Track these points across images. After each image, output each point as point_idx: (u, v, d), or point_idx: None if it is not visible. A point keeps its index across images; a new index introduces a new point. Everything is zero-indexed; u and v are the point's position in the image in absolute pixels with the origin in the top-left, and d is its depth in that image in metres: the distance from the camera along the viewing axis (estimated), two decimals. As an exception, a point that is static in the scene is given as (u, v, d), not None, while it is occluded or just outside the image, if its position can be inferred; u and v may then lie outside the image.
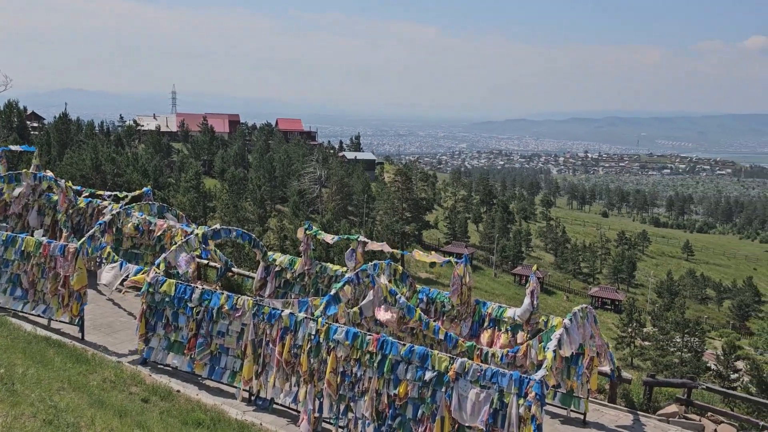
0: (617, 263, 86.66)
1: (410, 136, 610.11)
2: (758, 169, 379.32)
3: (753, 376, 30.78)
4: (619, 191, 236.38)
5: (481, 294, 57.94)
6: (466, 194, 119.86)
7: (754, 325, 73.12)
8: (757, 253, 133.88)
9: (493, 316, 13.65)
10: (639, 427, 12.52)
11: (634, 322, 49.77)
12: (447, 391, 9.58)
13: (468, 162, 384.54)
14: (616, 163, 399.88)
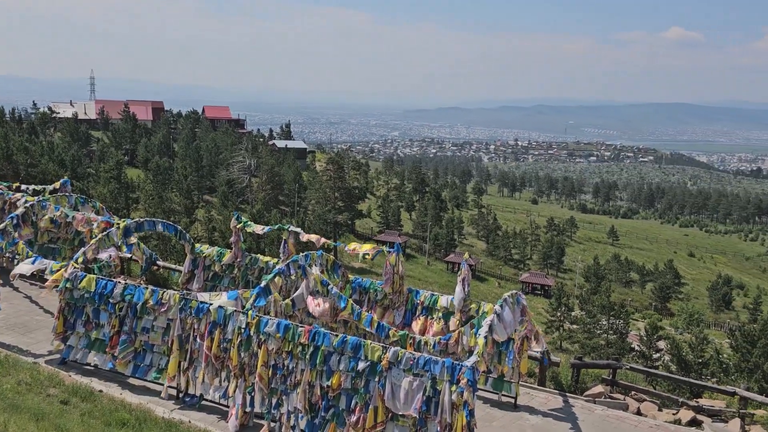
0: (546, 249, 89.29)
1: (342, 124, 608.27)
2: (678, 157, 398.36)
3: (673, 355, 32.49)
4: (548, 178, 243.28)
5: (414, 282, 58.60)
6: (399, 183, 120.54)
7: (674, 306, 77.18)
8: (677, 237, 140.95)
9: (425, 304, 13.83)
10: (567, 408, 12.99)
11: (563, 307, 51.47)
12: (380, 381, 9.66)
13: (400, 150, 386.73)
14: (545, 150, 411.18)
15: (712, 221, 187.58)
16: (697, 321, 61.83)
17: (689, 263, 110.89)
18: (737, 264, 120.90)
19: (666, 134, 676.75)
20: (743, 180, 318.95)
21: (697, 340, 34.23)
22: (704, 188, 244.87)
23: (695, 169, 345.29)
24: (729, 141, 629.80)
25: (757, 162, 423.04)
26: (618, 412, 13.23)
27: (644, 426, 12.49)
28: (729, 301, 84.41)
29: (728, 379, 28.68)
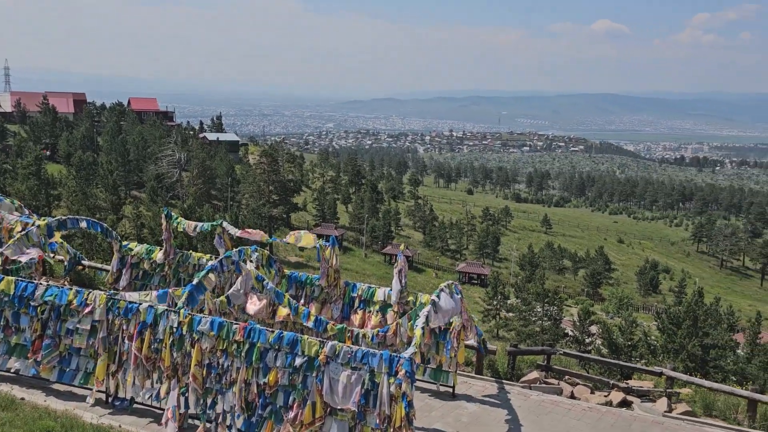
0: (482, 239, 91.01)
1: (275, 116, 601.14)
2: (606, 146, 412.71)
3: (604, 339, 33.75)
4: (482, 169, 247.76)
5: (352, 275, 58.68)
6: (335, 175, 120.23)
7: (605, 292, 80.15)
8: (607, 224, 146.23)
9: (363, 297, 13.85)
10: (504, 395, 13.30)
11: (499, 295, 52.67)
12: (318, 376, 9.63)
13: (336, 142, 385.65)
14: (480, 141, 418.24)
15: (639, 208, 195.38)
16: (626, 305, 64.41)
17: (619, 249, 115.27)
18: (663, 249, 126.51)
19: (595, 124, 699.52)
20: (668, 168, 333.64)
21: (627, 323, 35.67)
22: (632, 176, 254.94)
23: (623, 158, 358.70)
24: (654, 130, 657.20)
25: (680, 150, 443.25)
26: (552, 397, 13.65)
27: (577, 409, 12.92)
28: (656, 284, 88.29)
29: (656, 360, 30.03)
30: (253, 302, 11.90)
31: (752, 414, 12.85)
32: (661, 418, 12.99)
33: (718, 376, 28.99)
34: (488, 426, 11.61)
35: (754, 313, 65.34)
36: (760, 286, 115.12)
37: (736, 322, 52.33)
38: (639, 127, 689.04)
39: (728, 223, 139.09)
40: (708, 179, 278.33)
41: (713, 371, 30.02)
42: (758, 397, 12.87)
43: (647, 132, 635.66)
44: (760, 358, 33.43)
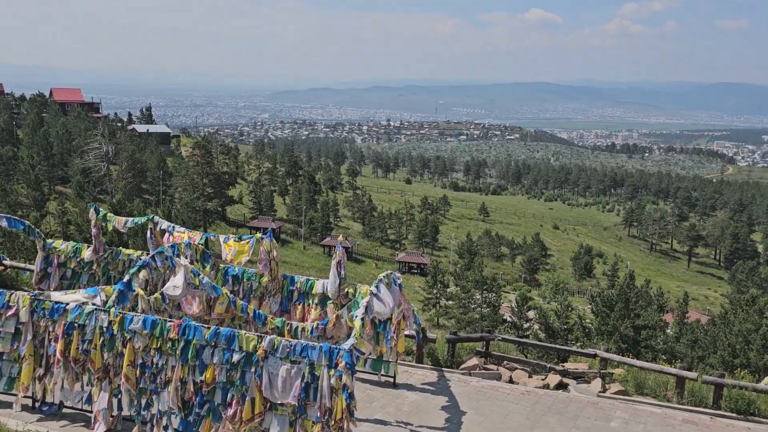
0: (421, 228, 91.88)
1: (208, 107, 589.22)
2: (541, 134, 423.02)
3: (541, 323, 34.70)
4: (420, 158, 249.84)
5: (291, 268, 58.30)
6: (271, 166, 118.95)
7: (542, 277, 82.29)
8: (543, 211, 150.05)
9: (301, 290, 13.79)
10: (444, 382, 13.52)
11: (439, 284, 53.34)
12: (257, 371, 9.54)
13: (271, 133, 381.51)
14: (417, 130, 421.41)
15: (573, 195, 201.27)
16: (562, 290, 66.34)
17: (554, 235, 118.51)
18: (596, 234, 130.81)
19: (530, 112, 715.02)
20: (600, 155, 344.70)
21: (563, 308, 36.77)
22: (566, 164, 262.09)
23: (557, 146, 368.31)
24: (586, 118, 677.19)
25: (611, 138, 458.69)
26: (492, 382, 13.96)
27: (516, 393, 13.27)
28: (590, 269, 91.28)
29: (590, 343, 31.10)
30: (189, 302, 11.67)
31: (680, 390, 13.48)
32: (595, 398, 13.47)
33: (648, 355, 30.25)
34: (429, 414, 11.79)
35: (681, 293, 68.46)
36: (687, 268, 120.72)
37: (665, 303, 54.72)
38: (572, 115, 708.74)
39: (657, 208, 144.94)
40: (637, 165, 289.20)
41: (644, 351, 31.31)
42: (686, 374, 13.50)
43: (580, 120, 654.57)
44: (688, 337, 35.09)
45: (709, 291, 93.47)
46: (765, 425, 12.31)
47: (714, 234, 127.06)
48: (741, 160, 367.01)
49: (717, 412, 12.74)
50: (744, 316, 34.27)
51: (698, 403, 13.18)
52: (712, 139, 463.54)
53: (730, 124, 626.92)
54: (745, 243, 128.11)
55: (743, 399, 12.74)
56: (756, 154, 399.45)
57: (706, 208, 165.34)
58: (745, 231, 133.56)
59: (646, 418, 12.25)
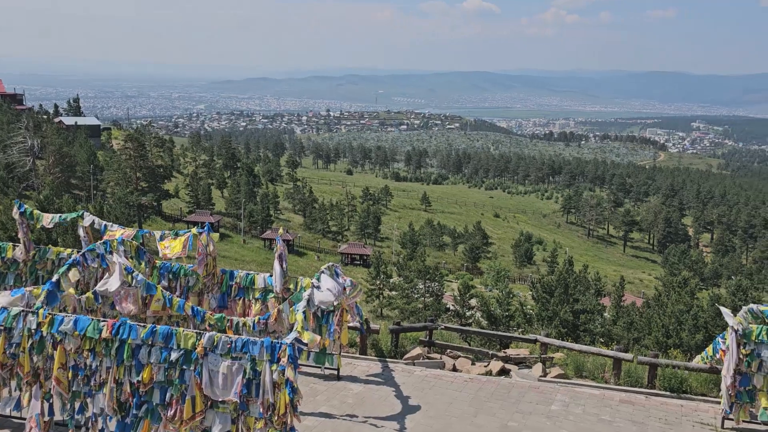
0: (363, 219, 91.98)
1: (140, 98, 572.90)
2: (481, 123, 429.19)
3: (483, 311, 35.33)
4: (361, 148, 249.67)
5: (231, 262, 57.49)
6: (208, 159, 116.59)
7: (483, 265, 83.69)
8: (483, 199, 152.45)
9: (241, 285, 13.63)
10: (388, 373, 13.63)
11: (382, 275, 53.55)
12: (196, 369, 9.39)
13: (208, 124, 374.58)
14: (357, 120, 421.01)
15: (513, 183, 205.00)
16: (503, 277, 67.59)
17: (495, 223, 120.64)
18: (536, 221, 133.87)
19: (469, 101, 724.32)
20: (538, 143, 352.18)
21: (504, 295, 37.52)
22: (505, 152, 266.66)
23: (497, 135, 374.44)
24: (524, 107, 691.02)
25: (548, 126, 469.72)
26: (435, 371, 14.15)
27: (459, 381, 13.49)
28: (530, 256, 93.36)
29: (531, 329, 31.87)
30: (124, 301, 11.37)
31: (617, 372, 13.99)
32: (536, 382, 13.84)
33: (587, 339, 31.21)
34: (373, 405, 11.86)
35: (618, 277, 70.84)
36: (623, 253, 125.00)
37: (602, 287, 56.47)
38: (510, 104, 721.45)
39: (593, 195, 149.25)
40: (574, 153, 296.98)
41: (583, 335, 32.28)
42: (622, 356, 14.01)
43: (518, 109, 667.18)
44: (624, 320, 36.38)
45: (643, 274, 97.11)
46: (696, 402, 12.90)
47: (647, 219, 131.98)
48: (672, 147, 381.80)
49: (652, 391, 13.28)
50: (676, 298, 35.78)
51: (634, 384, 13.70)
52: (644, 127, 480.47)
53: (661, 112, 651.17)
54: (676, 227, 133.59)
55: (676, 377, 13.32)
56: (686, 141, 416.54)
57: (640, 194, 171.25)
58: (676, 216, 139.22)
59: (585, 400, 12.65)
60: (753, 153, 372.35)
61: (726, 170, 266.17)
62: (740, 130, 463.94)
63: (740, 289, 43.11)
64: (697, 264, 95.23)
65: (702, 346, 25.22)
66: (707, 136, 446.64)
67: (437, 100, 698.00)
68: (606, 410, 12.19)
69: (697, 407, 12.60)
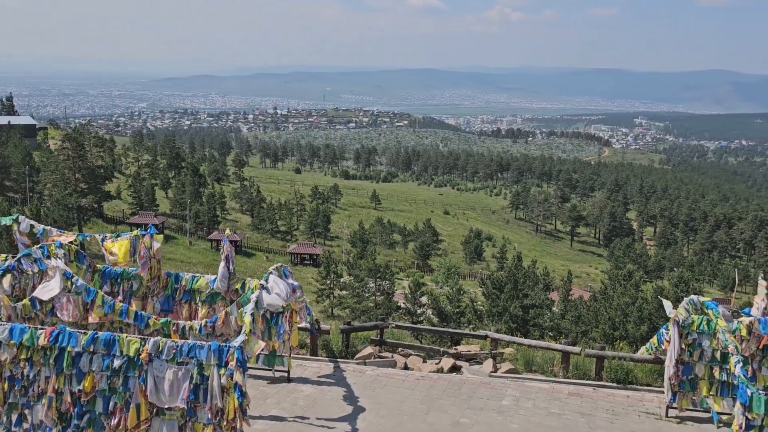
0: (313, 218, 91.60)
1: (79, 96, 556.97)
2: (429, 120, 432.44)
3: (434, 308, 35.64)
4: (310, 147, 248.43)
5: (177, 265, 56.46)
6: (151, 159, 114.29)
7: (434, 263, 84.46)
8: (433, 196, 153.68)
9: (187, 287, 13.37)
10: (339, 373, 13.60)
11: (332, 274, 53.46)
12: (141, 376, 9.18)
13: (150, 123, 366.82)
14: (305, 118, 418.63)
15: (462, 180, 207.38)
16: (454, 274, 68.37)
17: (445, 221, 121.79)
18: (485, 218, 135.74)
19: (418, 99, 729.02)
20: (486, 140, 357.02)
21: (454, 292, 37.94)
22: (454, 149, 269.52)
23: (445, 132, 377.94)
24: (472, 104, 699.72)
25: (496, 123, 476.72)
26: (387, 370, 14.19)
27: (411, 379, 13.56)
28: (480, 252, 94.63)
29: (482, 325, 32.29)
30: (64, 307, 11.04)
31: (566, 365, 14.29)
32: (487, 378, 14.03)
33: (536, 333, 31.85)
34: (325, 406, 11.83)
35: (565, 272, 72.52)
36: (570, 247, 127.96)
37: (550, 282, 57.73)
38: (459, 101, 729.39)
39: (541, 191, 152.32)
40: (522, 150, 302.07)
41: (533, 329, 32.93)
42: (570, 349, 14.33)
43: (466, 106, 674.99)
44: (572, 313, 37.24)
45: (590, 268, 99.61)
46: (642, 392, 13.30)
47: (593, 214, 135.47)
48: (616, 142, 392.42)
49: (599, 383, 13.62)
50: (622, 291, 36.83)
51: (582, 376, 14.03)
52: (589, 123, 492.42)
53: (605, 109, 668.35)
54: (621, 221, 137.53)
55: (622, 369, 13.70)
56: (629, 137, 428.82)
57: (586, 189, 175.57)
58: (621, 210, 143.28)
59: (535, 394, 12.89)
60: (692, 148, 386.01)
61: (667, 165, 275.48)
62: (680, 126, 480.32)
63: (682, 281, 44.71)
64: (641, 257, 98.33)
65: (647, 337, 26.01)
66: (649, 131, 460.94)
67: (386, 97, 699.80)
68: (555, 403, 12.45)
69: (643, 397, 12.98)
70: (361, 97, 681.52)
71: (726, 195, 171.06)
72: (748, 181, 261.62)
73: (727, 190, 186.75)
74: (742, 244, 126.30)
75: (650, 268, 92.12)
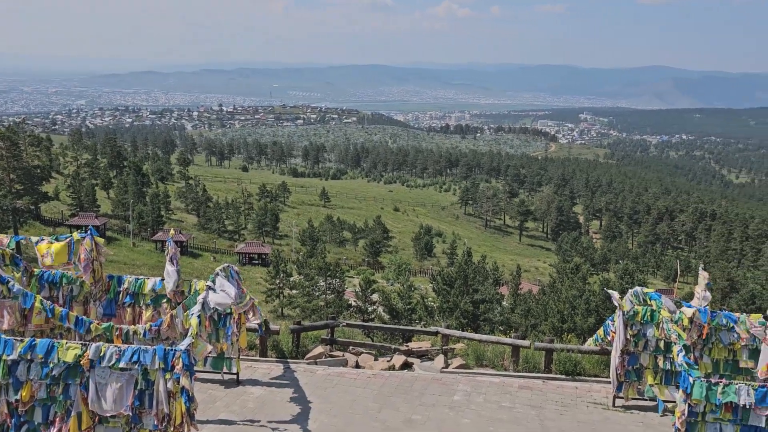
0: (261, 217, 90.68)
1: (12, 93, 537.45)
2: (378, 116, 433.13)
3: (385, 306, 35.74)
4: (257, 144, 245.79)
5: (120, 267, 55.10)
6: (91, 158, 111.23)
7: (384, 260, 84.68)
8: (383, 193, 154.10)
9: (130, 290, 13.07)
10: (290, 374, 13.52)
11: (282, 273, 53.04)
12: (82, 383, 8.93)
13: (90, 121, 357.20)
14: (252, 115, 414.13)
15: (411, 176, 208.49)
16: (404, 271, 68.69)
17: (395, 217, 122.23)
18: (435, 214, 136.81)
19: (366, 95, 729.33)
20: (435, 136, 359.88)
21: (405, 288, 38.11)
22: (403, 146, 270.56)
23: (394, 128, 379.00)
24: (421, 100, 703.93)
25: (445, 119, 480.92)
26: (338, 369, 14.17)
27: (362, 377, 13.57)
28: (431, 248, 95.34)
29: (433, 321, 32.57)
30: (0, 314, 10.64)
31: (516, 359, 14.53)
32: (439, 374, 14.15)
33: (487, 328, 32.27)
34: (275, 408, 11.73)
35: (515, 266, 73.78)
36: (519, 242, 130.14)
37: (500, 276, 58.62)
38: (407, 97, 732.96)
39: (489, 186, 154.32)
40: (470, 145, 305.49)
41: (483, 324, 33.35)
42: (519, 343, 14.58)
43: (415, 102, 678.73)
44: (522, 307, 37.90)
45: (539, 262, 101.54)
46: (590, 383, 13.63)
47: (541, 208, 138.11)
48: (562, 137, 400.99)
49: (548, 376, 13.90)
50: (569, 284, 37.65)
51: (532, 369, 14.29)
52: (536, 119, 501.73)
53: (551, 104, 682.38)
54: (568, 215, 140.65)
55: (570, 361, 14.01)
56: (575, 132, 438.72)
57: (534, 184, 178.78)
58: (568, 204, 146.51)
59: (486, 388, 13.07)
60: (635, 143, 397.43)
61: (612, 159, 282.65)
62: (623, 121, 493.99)
63: (627, 273, 45.98)
64: (587, 250, 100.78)
65: (594, 329, 26.67)
66: (594, 127, 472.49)
67: (334, 93, 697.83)
68: (506, 397, 12.64)
69: (591, 388, 13.30)
70: (309, 93, 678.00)
71: (668, 188, 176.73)
72: (689, 175, 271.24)
73: (669, 184, 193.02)
74: (683, 235, 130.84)
75: (597, 261, 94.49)
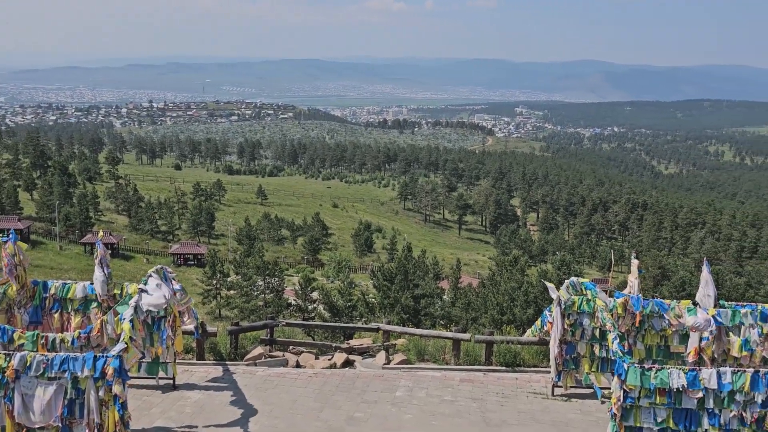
0: (196, 216, 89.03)
1: None
2: (315, 112, 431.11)
3: (326, 303, 35.68)
4: (190, 141, 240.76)
5: (47, 272, 53.18)
6: (12, 158, 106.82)
7: (324, 257, 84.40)
8: (321, 190, 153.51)
9: (57, 296, 12.63)
10: (229, 376, 13.33)
11: (218, 274, 52.24)
12: (7, 395, 8.60)
13: (10, 119, 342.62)
14: (184, 112, 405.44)
15: (350, 172, 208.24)
16: (344, 268, 68.66)
17: (334, 214, 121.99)
18: (374, 210, 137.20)
19: (302, 90, 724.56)
20: (373, 131, 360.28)
21: (345, 285, 38.13)
22: (341, 141, 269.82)
23: (331, 124, 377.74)
24: (358, 95, 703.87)
25: (382, 114, 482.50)
26: (278, 369, 14.06)
27: (303, 377, 13.51)
28: (370, 244, 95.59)
29: (374, 317, 32.69)
30: None
31: (457, 352, 14.73)
32: (380, 371, 14.21)
33: (428, 322, 32.63)
34: (214, 411, 11.56)
35: (454, 260, 74.78)
36: (459, 236, 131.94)
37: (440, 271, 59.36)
38: (344, 92, 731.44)
39: (428, 180, 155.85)
40: (408, 140, 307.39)
41: (424, 319, 33.70)
42: (460, 337, 14.78)
43: (352, 97, 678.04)
44: (462, 301, 38.47)
45: (478, 255, 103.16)
46: (529, 373, 13.95)
47: (479, 202, 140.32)
48: (498, 131, 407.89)
49: (489, 368, 14.15)
50: (508, 276, 38.42)
51: (473, 362, 14.52)
52: (473, 113, 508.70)
53: (487, 98, 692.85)
54: (506, 208, 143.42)
55: (510, 352, 14.30)
56: (511, 126, 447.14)
57: (472, 178, 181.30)
58: (505, 197, 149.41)
59: (428, 383, 13.20)
60: (570, 135, 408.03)
61: (547, 152, 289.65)
62: (558, 115, 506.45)
63: (564, 264, 47.25)
64: (525, 242, 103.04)
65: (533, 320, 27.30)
66: (529, 120, 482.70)
67: (268, 89, 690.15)
68: (448, 391, 12.80)
69: (530, 378, 13.62)
70: (243, 89, 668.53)
71: (601, 180, 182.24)
72: (621, 166, 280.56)
73: (602, 175, 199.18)
74: (617, 225, 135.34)
75: (534, 253, 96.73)
